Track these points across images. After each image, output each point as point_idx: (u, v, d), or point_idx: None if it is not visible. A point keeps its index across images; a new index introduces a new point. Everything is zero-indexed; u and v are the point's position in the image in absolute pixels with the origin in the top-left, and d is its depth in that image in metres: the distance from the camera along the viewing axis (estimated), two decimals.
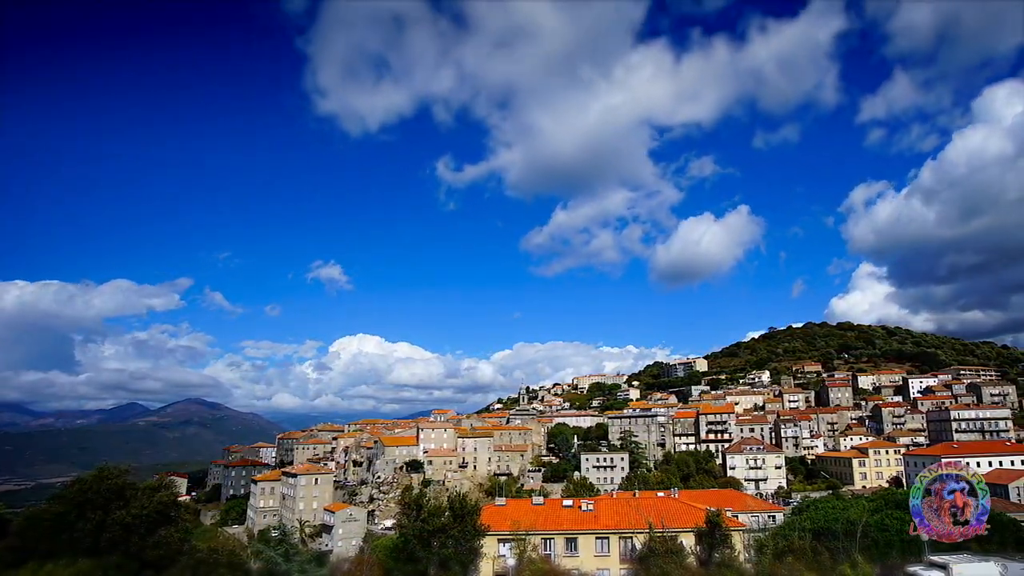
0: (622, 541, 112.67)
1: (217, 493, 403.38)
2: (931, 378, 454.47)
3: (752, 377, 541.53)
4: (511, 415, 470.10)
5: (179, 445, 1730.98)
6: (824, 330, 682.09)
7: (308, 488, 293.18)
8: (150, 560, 62.88)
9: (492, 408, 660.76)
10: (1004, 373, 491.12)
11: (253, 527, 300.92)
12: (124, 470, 75.79)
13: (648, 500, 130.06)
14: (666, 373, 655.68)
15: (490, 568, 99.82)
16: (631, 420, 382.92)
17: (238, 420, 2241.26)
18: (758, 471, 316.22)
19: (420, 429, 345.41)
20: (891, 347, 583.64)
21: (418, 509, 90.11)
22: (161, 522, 70.94)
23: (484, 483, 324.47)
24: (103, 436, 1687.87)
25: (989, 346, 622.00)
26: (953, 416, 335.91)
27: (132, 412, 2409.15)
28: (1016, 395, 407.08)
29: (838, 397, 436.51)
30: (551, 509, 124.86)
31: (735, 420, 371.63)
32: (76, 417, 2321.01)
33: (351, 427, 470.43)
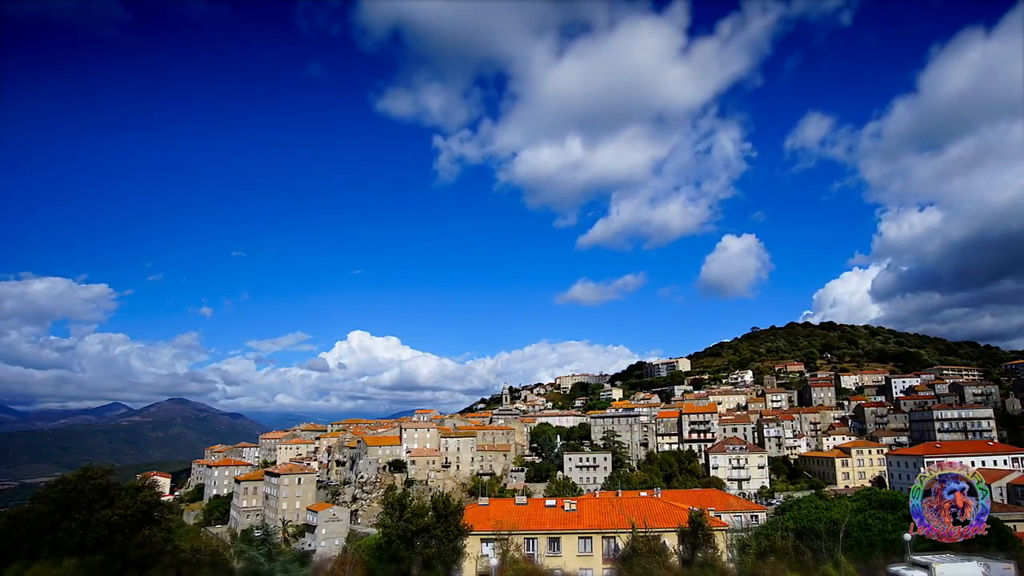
0: (605, 541, 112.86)
1: (200, 493, 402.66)
2: (914, 378, 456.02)
3: (735, 377, 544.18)
4: (494, 415, 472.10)
5: (163, 445, 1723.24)
6: (807, 330, 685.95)
7: (291, 488, 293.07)
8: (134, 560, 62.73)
9: (475, 408, 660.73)
10: (987, 373, 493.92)
11: (236, 527, 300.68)
12: (108, 470, 75.50)
13: (631, 500, 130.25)
14: (649, 373, 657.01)
15: (473, 568, 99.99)
16: (614, 420, 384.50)
17: (221, 420, 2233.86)
18: (741, 471, 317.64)
19: (403, 429, 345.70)
20: (874, 347, 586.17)
21: (401, 509, 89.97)
22: (145, 522, 70.76)
23: (467, 483, 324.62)
24: (86, 436, 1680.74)
25: (972, 346, 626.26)
26: (936, 416, 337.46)
27: (115, 412, 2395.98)
28: (999, 395, 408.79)
29: (821, 397, 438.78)
30: (534, 509, 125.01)
31: (718, 420, 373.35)
32: (59, 417, 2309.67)
33: (334, 427, 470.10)
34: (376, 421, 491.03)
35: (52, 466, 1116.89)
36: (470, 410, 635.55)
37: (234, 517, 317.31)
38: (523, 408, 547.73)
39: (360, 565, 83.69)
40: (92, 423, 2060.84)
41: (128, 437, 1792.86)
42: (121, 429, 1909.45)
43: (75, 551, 61.18)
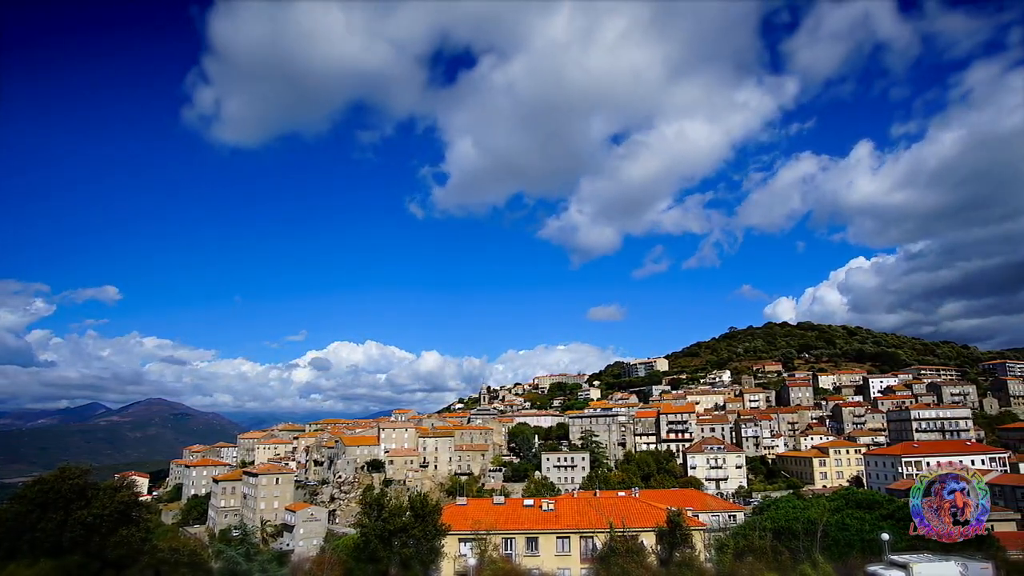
0: (583, 540, 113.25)
1: (178, 493, 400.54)
2: (891, 378, 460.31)
3: (713, 377, 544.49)
4: (472, 415, 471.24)
5: (140, 445, 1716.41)
6: (785, 330, 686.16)
7: (269, 488, 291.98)
8: (111, 560, 62.79)
9: (453, 408, 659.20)
10: (964, 373, 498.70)
11: (214, 527, 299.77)
12: (85, 470, 75.55)
13: (609, 500, 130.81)
14: (627, 373, 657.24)
15: (451, 568, 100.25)
16: (592, 420, 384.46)
17: (200, 420, 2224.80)
18: (719, 471, 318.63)
19: (381, 429, 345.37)
20: (851, 347, 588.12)
21: (379, 509, 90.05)
22: (122, 522, 70.82)
23: (445, 483, 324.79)
24: (64, 436, 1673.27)
25: (949, 346, 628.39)
26: (913, 416, 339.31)
27: (93, 412, 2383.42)
28: (976, 395, 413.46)
29: (798, 397, 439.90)
30: (512, 509, 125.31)
31: (696, 420, 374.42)
32: (37, 417, 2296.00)
33: (312, 427, 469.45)
34: (354, 421, 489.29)
35: (30, 466, 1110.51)
36: (448, 410, 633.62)
37: (212, 517, 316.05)
38: (501, 408, 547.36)
39: (338, 565, 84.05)
40: (70, 423, 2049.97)
41: (106, 437, 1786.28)
42: (100, 429, 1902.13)
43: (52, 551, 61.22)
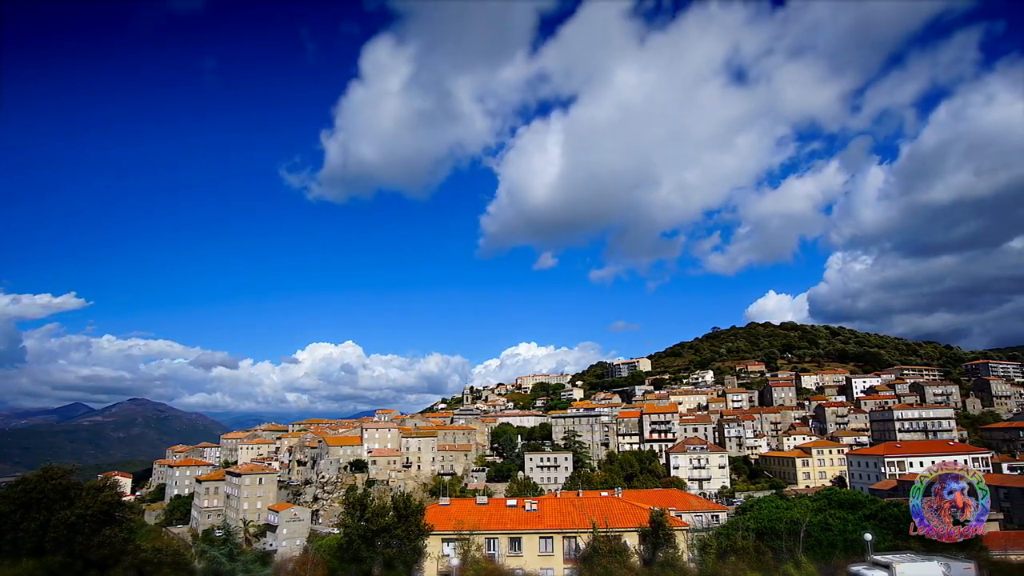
0: (566, 541, 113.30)
1: (161, 493, 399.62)
2: (874, 378, 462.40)
3: (696, 377, 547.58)
4: (455, 415, 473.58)
5: (124, 445, 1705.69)
6: (767, 330, 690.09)
7: (252, 488, 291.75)
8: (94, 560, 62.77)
9: (436, 408, 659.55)
10: (947, 373, 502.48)
11: (197, 527, 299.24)
12: (68, 470, 75.40)
13: (592, 500, 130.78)
14: (610, 373, 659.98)
15: (434, 568, 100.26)
16: (575, 420, 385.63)
17: (183, 420, 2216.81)
18: (702, 471, 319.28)
19: (364, 429, 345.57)
20: (834, 347, 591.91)
21: (362, 509, 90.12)
22: (105, 522, 70.68)
23: (428, 483, 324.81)
24: (47, 436, 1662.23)
25: (932, 346, 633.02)
26: (896, 416, 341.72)
27: (76, 412, 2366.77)
28: (959, 395, 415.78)
29: (781, 397, 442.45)
30: (495, 509, 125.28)
31: (679, 420, 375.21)
32: (20, 417, 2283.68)
33: (295, 427, 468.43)
34: (337, 421, 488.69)
35: (13, 466, 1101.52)
36: (431, 410, 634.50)
37: (195, 517, 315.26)
38: (484, 408, 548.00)
39: (321, 565, 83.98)
40: (54, 423, 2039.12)
41: (90, 437, 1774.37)
42: (83, 429, 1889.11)
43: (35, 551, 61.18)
